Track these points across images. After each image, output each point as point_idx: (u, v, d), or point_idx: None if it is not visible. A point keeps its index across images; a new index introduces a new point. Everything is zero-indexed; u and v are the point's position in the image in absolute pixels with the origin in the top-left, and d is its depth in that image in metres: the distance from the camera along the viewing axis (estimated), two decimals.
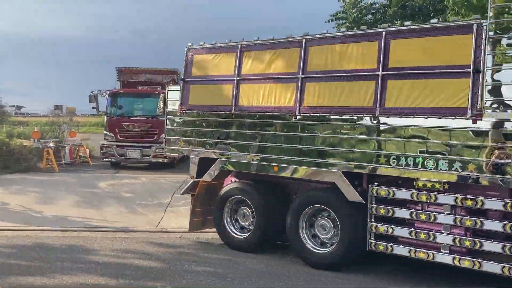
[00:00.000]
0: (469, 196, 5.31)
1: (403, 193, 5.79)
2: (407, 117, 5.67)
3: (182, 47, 8.04)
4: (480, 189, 5.38)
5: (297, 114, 6.58)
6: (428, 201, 5.59)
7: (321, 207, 6.54)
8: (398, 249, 5.82)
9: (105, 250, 7.25)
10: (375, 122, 5.94)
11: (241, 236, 7.30)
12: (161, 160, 17.06)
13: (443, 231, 5.50)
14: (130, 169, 17.50)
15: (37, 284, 5.75)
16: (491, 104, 5.13)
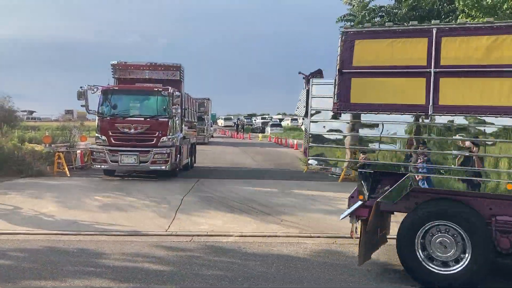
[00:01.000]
0: None
1: None
2: None
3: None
4: None
5: None
6: None
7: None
8: None
9: (116, 254, 7.28)
10: None
11: (447, 272, 5.87)
12: (162, 167, 15.09)
13: None
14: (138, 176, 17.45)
15: None
16: None
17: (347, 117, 6.43)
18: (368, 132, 6.31)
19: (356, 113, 6.34)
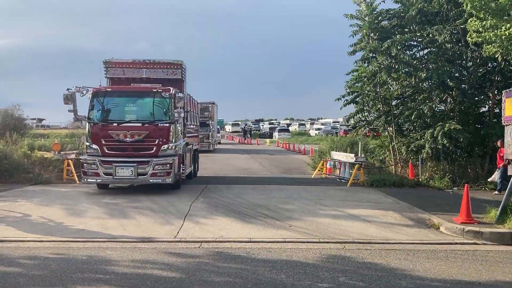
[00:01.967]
0: None
1: None
2: None
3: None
4: None
5: None
6: None
7: None
8: None
9: (125, 261, 7.28)
10: None
11: None
12: (164, 180, 13.30)
13: None
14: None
15: None
16: None
17: None
18: None
19: None
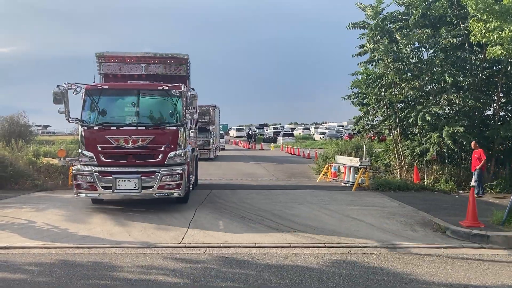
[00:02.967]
0: None
1: None
2: None
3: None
4: None
5: None
6: None
7: None
8: None
9: (130, 267, 7.27)
10: None
11: None
12: (174, 193, 11.43)
13: None
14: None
15: None
16: None
17: None
18: None
19: None
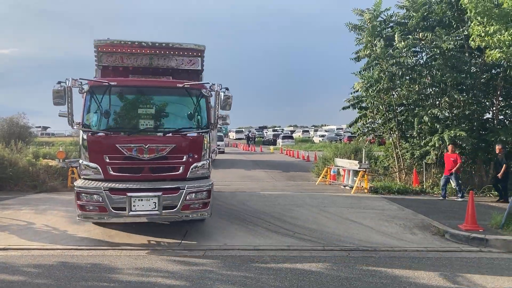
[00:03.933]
0: None
1: None
2: None
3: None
4: None
5: None
6: None
7: None
8: None
9: (129, 269, 7.27)
10: None
11: None
12: (202, 214, 9.11)
13: None
14: None
15: None
16: None
17: None
18: None
19: None
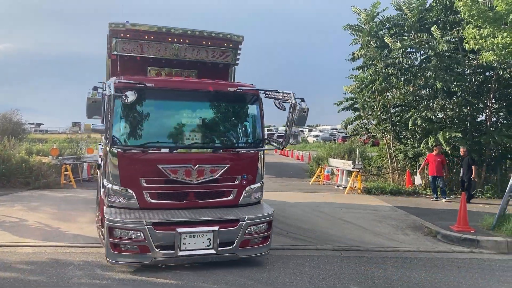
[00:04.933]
0: None
1: None
2: None
3: None
4: None
5: None
6: None
7: None
8: None
9: (122, 267, 7.25)
10: None
11: None
12: (261, 251, 7.51)
13: None
14: None
15: None
16: None
17: None
18: None
19: None
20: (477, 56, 14.92)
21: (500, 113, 17.91)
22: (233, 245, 7.21)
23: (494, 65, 14.53)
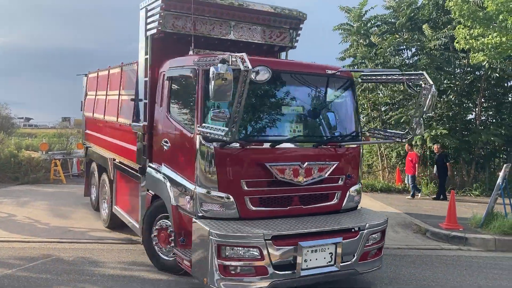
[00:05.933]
0: None
1: None
2: None
3: None
4: None
5: None
6: None
7: None
8: None
9: (112, 262, 7.25)
10: None
11: None
12: (375, 266, 6.43)
13: None
14: None
15: None
16: None
17: None
18: None
19: None
20: (468, 55, 15.02)
21: (489, 112, 18.08)
22: (353, 259, 6.03)
23: (484, 65, 14.64)
